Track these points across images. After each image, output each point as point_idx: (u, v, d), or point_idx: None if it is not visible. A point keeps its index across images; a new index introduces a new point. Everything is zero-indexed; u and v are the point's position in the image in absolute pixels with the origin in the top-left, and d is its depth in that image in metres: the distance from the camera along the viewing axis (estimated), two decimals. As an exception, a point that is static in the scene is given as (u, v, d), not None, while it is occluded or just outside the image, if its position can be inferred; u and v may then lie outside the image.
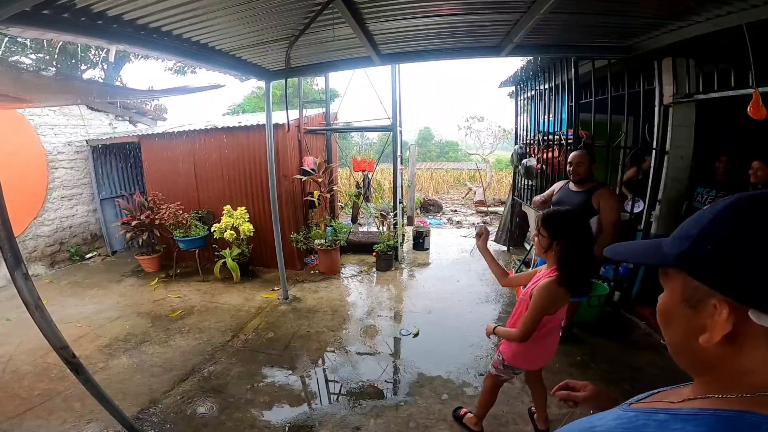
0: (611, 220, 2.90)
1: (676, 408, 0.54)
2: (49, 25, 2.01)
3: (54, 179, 6.20)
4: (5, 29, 1.84)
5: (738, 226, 0.48)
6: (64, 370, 3.08)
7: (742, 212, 0.49)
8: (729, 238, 0.48)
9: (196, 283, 5.25)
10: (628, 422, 0.55)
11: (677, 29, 2.55)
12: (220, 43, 3.01)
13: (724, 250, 0.48)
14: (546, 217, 1.88)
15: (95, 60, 11.12)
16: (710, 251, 0.49)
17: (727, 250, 0.48)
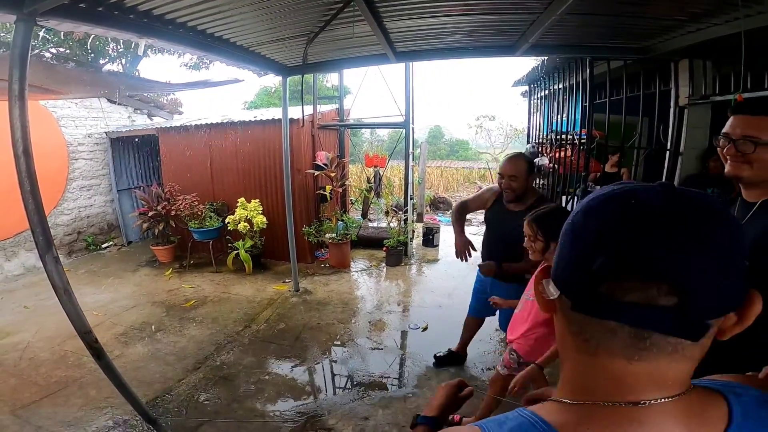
0: None
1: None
2: (84, 18, 2.08)
3: (74, 170, 6.35)
4: (45, 21, 1.91)
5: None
6: (80, 357, 3.21)
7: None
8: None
9: (209, 274, 5.35)
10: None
11: (695, 31, 2.53)
12: (240, 39, 3.07)
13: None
14: (537, 220, 1.77)
15: (113, 55, 11.32)
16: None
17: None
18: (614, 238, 0.41)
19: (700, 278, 0.39)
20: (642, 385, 0.43)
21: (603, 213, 0.44)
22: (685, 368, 0.43)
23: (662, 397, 0.42)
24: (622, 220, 0.42)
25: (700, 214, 0.41)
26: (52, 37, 9.62)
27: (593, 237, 0.43)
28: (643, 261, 0.40)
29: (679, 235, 0.39)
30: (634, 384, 0.43)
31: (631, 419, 0.42)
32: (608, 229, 0.42)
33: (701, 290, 0.39)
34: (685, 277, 0.39)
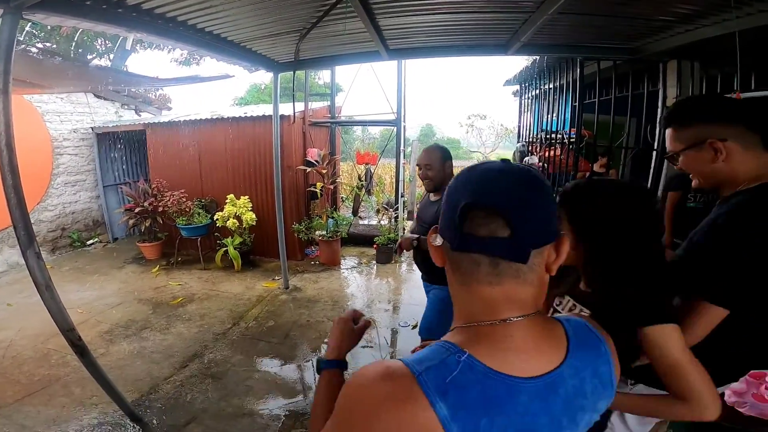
0: None
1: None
2: (71, 12, 2.05)
3: (58, 165, 6.23)
4: (32, 15, 1.87)
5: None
6: (64, 356, 3.15)
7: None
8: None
9: (197, 271, 5.28)
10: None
11: (684, 32, 2.56)
12: (231, 34, 3.04)
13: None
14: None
15: (101, 50, 11.13)
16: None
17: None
18: (469, 187, 0.58)
19: (522, 216, 0.55)
20: (503, 305, 0.58)
21: (464, 175, 0.61)
22: (529, 291, 0.58)
23: (519, 315, 0.58)
24: (475, 176, 0.59)
25: (523, 176, 0.57)
26: (38, 32, 9.43)
27: (458, 191, 0.59)
28: (486, 200, 0.55)
29: (509, 185, 0.56)
30: (497, 305, 0.58)
31: (503, 334, 0.57)
32: (466, 182, 0.59)
33: (524, 225, 0.54)
34: (512, 215, 0.54)
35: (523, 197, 0.56)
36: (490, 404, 0.52)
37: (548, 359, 0.58)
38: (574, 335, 0.63)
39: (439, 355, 0.55)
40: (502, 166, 0.59)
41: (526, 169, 0.60)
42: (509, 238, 0.54)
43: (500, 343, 0.56)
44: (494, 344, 0.56)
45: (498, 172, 0.58)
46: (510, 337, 0.57)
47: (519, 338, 0.57)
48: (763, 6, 1.87)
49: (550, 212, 0.58)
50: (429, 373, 0.52)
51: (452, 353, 0.55)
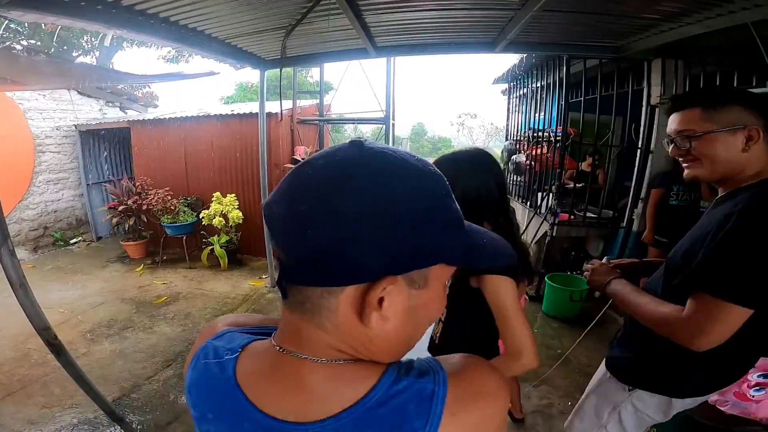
0: None
1: None
2: (49, 9, 2.00)
3: (40, 163, 6.11)
4: (6, 12, 1.82)
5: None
6: (44, 355, 3.07)
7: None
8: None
9: (182, 270, 5.21)
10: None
11: (668, 30, 2.59)
12: (216, 31, 2.99)
13: None
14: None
15: (87, 47, 10.95)
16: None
17: None
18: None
19: (283, 234, 0.42)
20: (307, 341, 0.45)
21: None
22: (320, 335, 0.44)
23: (320, 357, 0.45)
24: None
25: (325, 173, 0.42)
26: (23, 29, 9.25)
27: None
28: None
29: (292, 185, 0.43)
30: (303, 340, 0.46)
31: (285, 368, 0.46)
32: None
33: (289, 249, 0.42)
34: (274, 231, 0.43)
35: (293, 207, 0.40)
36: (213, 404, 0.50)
37: (300, 406, 0.44)
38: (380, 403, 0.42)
39: (230, 341, 0.52)
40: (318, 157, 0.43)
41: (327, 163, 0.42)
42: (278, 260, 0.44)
43: (273, 372, 0.46)
44: (267, 370, 0.47)
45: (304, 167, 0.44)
46: (286, 373, 0.45)
47: (292, 379, 0.45)
48: (746, 4, 1.90)
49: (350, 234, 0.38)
50: (206, 348, 0.53)
51: (230, 347, 0.51)
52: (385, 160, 0.42)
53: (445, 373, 0.44)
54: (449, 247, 0.43)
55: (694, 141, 1.04)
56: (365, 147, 0.43)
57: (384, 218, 0.38)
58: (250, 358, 0.49)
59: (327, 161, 0.42)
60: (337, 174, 0.40)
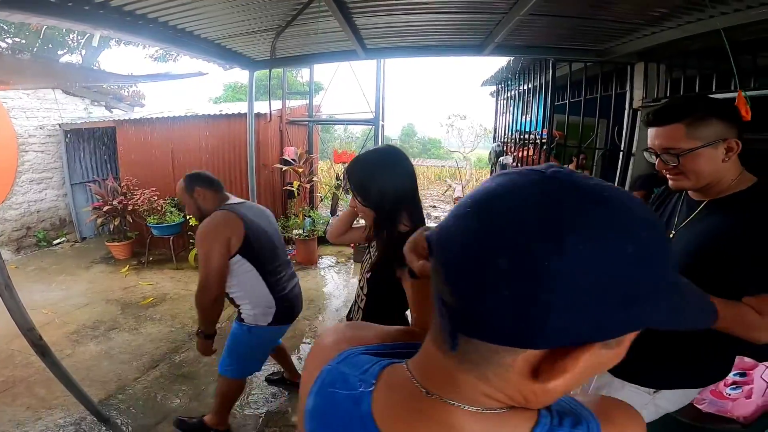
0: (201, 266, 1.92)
1: None
2: (36, 9, 2.00)
3: (23, 163, 5.99)
4: None
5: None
6: (28, 356, 3.02)
7: None
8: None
9: (169, 271, 5.16)
10: None
11: (650, 35, 2.66)
12: (205, 32, 2.99)
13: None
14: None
15: (73, 45, 10.76)
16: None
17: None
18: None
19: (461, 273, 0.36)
20: (463, 389, 0.41)
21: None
22: (485, 388, 0.40)
23: (475, 406, 0.41)
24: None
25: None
26: (8, 27, 9.05)
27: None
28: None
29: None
30: (459, 386, 0.41)
31: (431, 413, 0.42)
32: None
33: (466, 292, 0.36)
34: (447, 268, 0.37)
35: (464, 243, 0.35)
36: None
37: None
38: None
39: (358, 368, 0.48)
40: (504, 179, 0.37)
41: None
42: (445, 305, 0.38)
43: (414, 414, 0.42)
44: (406, 410, 0.43)
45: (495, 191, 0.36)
46: (432, 419, 0.42)
47: (439, 427, 0.41)
48: (725, 9, 1.97)
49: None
50: (331, 373, 0.50)
51: (363, 377, 0.46)
52: (606, 206, 0.33)
53: (597, 422, 0.43)
54: (661, 312, 0.35)
55: (681, 157, 1.09)
56: (569, 181, 0.35)
57: (603, 286, 0.32)
58: (387, 394, 0.44)
59: (525, 195, 0.34)
60: (548, 225, 0.32)
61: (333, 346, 0.53)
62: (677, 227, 1.24)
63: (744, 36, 2.12)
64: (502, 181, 0.36)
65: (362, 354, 0.50)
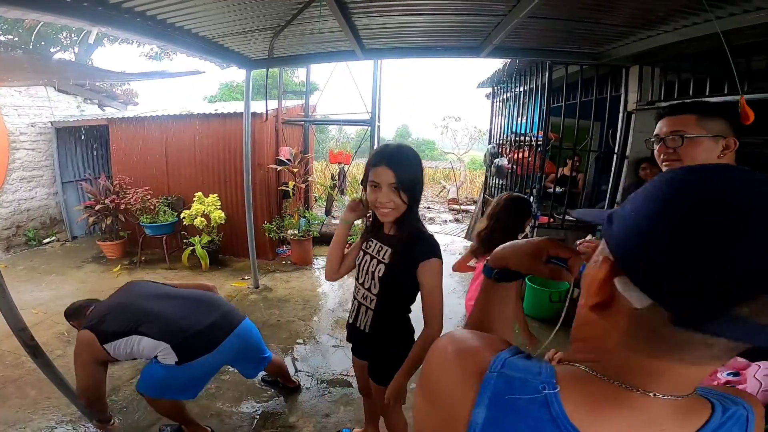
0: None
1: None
2: (33, 5, 1.97)
3: (14, 160, 5.91)
4: None
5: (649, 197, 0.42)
6: (19, 357, 2.98)
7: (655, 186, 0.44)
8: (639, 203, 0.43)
9: (162, 271, 5.11)
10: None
11: (646, 38, 2.69)
12: (203, 30, 2.97)
13: (632, 212, 0.43)
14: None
15: (66, 43, 10.64)
16: (624, 211, 0.45)
17: (632, 212, 0.43)
18: (752, 239, 0.34)
19: None
20: (667, 380, 0.44)
21: (729, 207, 0.36)
22: (705, 373, 0.45)
23: (668, 394, 0.44)
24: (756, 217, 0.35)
25: None
26: (1, 24, 8.93)
27: (725, 238, 0.35)
28: None
29: None
30: (661, 378, 0.44)
31: (628, 402, 0.44)
32: (739, 223, 0.35)
33: None
34: None
35: None
36: None
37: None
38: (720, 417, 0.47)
39: (526, 371, 0.47)
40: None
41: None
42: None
43: (613, 408, 0.44)
44: (602, 405, 0.44)
45: None
46: (612, 399, 0.44)
47: (622, 406, 0.44)
48: (721, 13, 2.00)
49: None
50: (499, 379, 0.46)
51: (541, 379, 0.46)
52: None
53: (749, 404, 0.49)
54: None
55: (686, 140, 1.20)
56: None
57: None
58: (577, 394, 0.45)
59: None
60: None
61: (476, 355, 0.51)
62: None
63: (738, 40, 2.15)
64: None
65: (516, 358, 0.50)
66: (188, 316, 2.10)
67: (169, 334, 2.00)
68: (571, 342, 0.54)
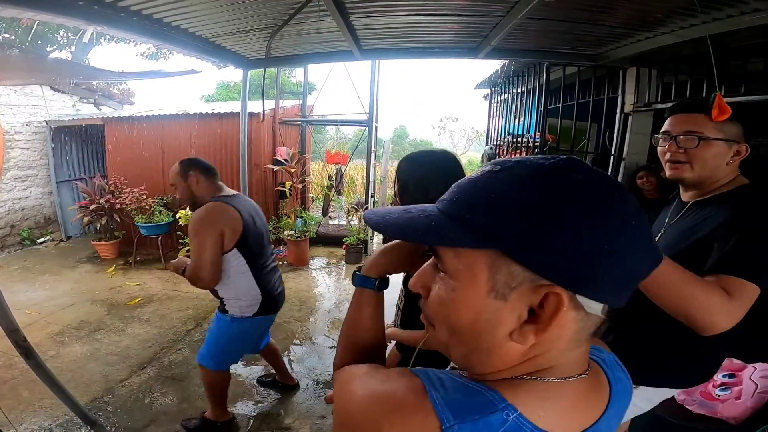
0: (191, 253, 1.94)
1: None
2: (29, 4, 1.97)
3: (9, 159, 5.87)
4: None
5: (553, 194, 0.41)
6: (11, 358, 2.94)
7: (555, 178, 0.42)
8: (545, 209, 0.40)
9: (157, 271, 5.08)
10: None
11: (644, 39, 2.70)
12: (200, 29, 2.96)
13: (545, 224, 0.40)
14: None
15: (62, 42, 10.59)
16: (531, 226, 0.40)
17: (547, 224, 0.40)
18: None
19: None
20: (584, 360, 0.50)
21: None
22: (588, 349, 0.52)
23: (578, 374, 0.48)
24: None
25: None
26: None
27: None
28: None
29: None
30: (582, 360, 0.50)
31: (557, 392, 0.46)
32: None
33: None
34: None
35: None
36: None
37: (590, 414, 0.48)
38: (614, 382, 0.53)
39: (481, 407, 0.42)
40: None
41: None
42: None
43: (550, 401, 0.45)
44: (543, 402, 0.44)
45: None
46: (562, 395, 0.46)
47: (570, 397, 0.46)
48: (718, 14, 2.00)
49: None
50: (464, 428, 0.40)
51: (498, 408, 0.42)
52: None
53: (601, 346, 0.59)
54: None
55: (702, 142, 1.12)
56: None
57: None
58: (528, 404, 0.45)
59: None
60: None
61: (414, 410, 0.44)
62: (667, 226, 1.29)
63: (735, 42, 2.16)
64: None
65: (447, 392, 0.46)
66: (276, 277, 2.24)
67: (266, 284, 2.10)
68: (459, 367, 0.52)
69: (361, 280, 0.78)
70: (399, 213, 0.51)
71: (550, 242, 0.40)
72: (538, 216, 0.40)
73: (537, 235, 0.40)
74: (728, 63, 2.28)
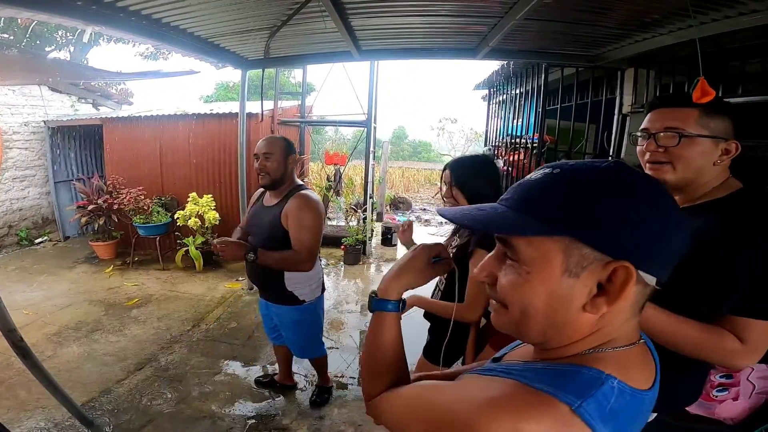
0: (299, 239, 1.96)
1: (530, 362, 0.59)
2: (27, 4, 1.95)
3: (7, 160, 5.86)
4: None
5: (616, 188, 0.49)
6: (8, 358, 2.93)
7: (609, 175, 0.51)
8: (611, 201, 0.49)
9: (155, 272, 5.07)
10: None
11: (642, 40, 2.70)
12: (199, 29, 2.95)
13: (611, 213, 0.49)
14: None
15: (61, 42, 10.57)
16: (600, 215, 0.49)
17: (613, 213, 0.48)
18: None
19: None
20: (637, 328, 0.58)
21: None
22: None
23: (637, 340, 0.57)
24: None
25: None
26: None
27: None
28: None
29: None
30: (638, 328, 0.58)
31: (630, 355, 0.55)
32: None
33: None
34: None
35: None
36: (635, 421, 0.54)
37: (650, 375, 0.57)
38: (655, 355, 0.62)
39: (591, 383, 0.50)
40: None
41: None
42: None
43: (630, 364, 0.54)
44: (627, 366, 0.53)
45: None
46: (633, 359, 0.55)
47: (637, 360, 0.56)
48: (716, 15, 2.00)
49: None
50: (589, 404, 0.47)
51: (603, 379, 0.50)
52: None
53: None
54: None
55: (683, 139, 1.01)
56: None
57: None
58: (620, 372, 0.54)
59: None
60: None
61: (541, 403, 0.52)
62: None
63: (733, 43, 2.16)
64: None
65: (555, 379, 0.55)
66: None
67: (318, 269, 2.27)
68: (534, 343, 0.60)
69: (381, 305, 0.78)
70: (472, 211, 0.58)
71: (618, 227, 0.48)
72: (605, 206, 0.49)
73: (606, 222, 0.49)
74: (726, 64, 2.28)
